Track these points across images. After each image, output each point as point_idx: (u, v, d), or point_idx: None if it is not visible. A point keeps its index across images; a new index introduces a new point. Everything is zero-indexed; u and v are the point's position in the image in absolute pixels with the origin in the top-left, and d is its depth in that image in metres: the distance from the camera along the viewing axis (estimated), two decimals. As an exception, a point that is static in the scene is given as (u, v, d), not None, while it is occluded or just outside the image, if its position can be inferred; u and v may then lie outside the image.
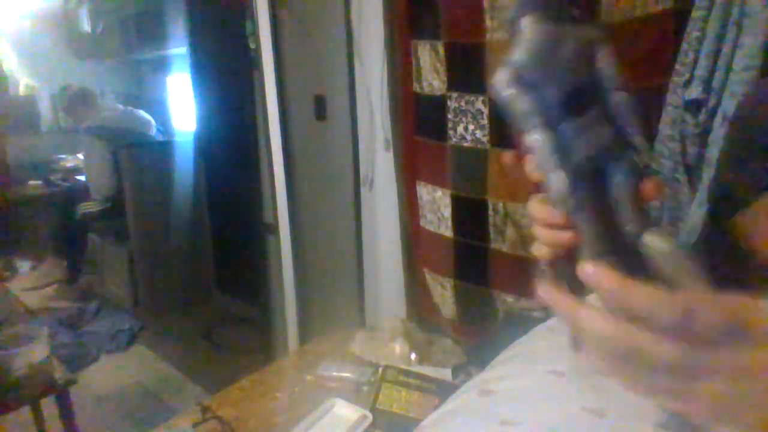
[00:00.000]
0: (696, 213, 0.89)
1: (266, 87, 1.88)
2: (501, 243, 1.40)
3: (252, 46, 1.89)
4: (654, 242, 0.28)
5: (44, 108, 4.21)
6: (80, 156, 3.81)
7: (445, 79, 1.42)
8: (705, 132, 0.89)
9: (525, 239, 1.33)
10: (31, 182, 3.86)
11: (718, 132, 0.86)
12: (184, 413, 1.34)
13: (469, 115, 1.38)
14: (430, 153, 1.52)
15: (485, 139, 1.36)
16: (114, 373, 2.52)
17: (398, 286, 1.74)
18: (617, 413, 0.46)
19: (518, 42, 0.28)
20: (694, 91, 0.89)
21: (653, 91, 0.99)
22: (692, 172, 0.94)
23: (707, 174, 0.88)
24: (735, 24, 0.83)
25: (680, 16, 0.93)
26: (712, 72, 0.87)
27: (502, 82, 0.29)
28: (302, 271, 2.05)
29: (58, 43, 4.19)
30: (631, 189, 0.30)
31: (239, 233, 2.65)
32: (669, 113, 0.95)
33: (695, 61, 0.89)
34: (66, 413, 1.54)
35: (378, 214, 1.78)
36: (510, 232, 1.36)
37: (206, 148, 3.19)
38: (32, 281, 3.45)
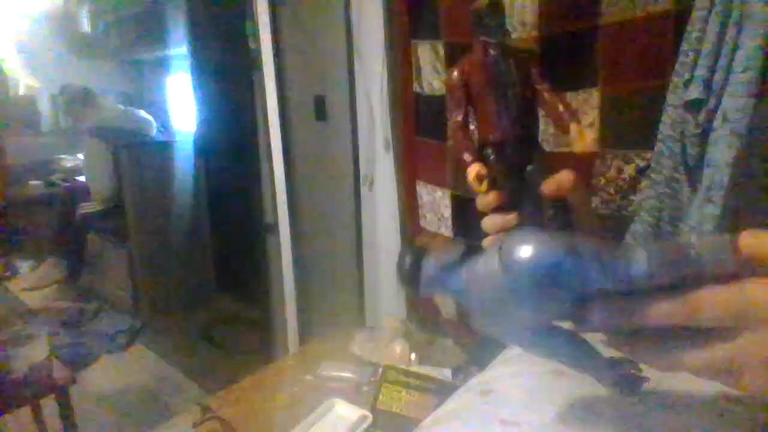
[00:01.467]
0: (697, 213, 0.89)
1: (266, 87, 1.88)
2: (501, 243, 1.39)
3: (252, 46, 1.89)
4: (698, 240, 0.29)
5: (44, 108, 4.21)
6: (80, 156, 3.82)
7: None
8: (705, 132, 0.89)
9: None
10: (31, 182, 3.86)
11: (719, 132, 0.86)
12: (184, 413, 1.34)
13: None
14: (430, 153, 1.52)
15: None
16: (114, 373, 2.52)
17: (398, 286, 1.74)
18: (617, 413, 0.46)
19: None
20: (694, 91, 0.89)
21: (653, 91, 0.99)
22: (692, 172, 0.94)
23: (708, 174, 0.88)
24: (735, 24, 0.83)
25: (680, 16, 0.93)
26: (712, 72, 0.87)
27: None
28: (302, 271, 2.05)
29: (58, 43, 4.19)
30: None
31: (239, 233, 2.65)
32: (669, 113, 0.95)
33: (695, 61, 0.89)
34: (66, 413, 1.54)
35: (378, 214, 1.78)
36: (510, 232, 1.36)
37: (206, 148, 3.19)
38: (32, 281, 3.45)
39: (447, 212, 1.52)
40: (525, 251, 0.30)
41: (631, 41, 1.03)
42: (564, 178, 0.47)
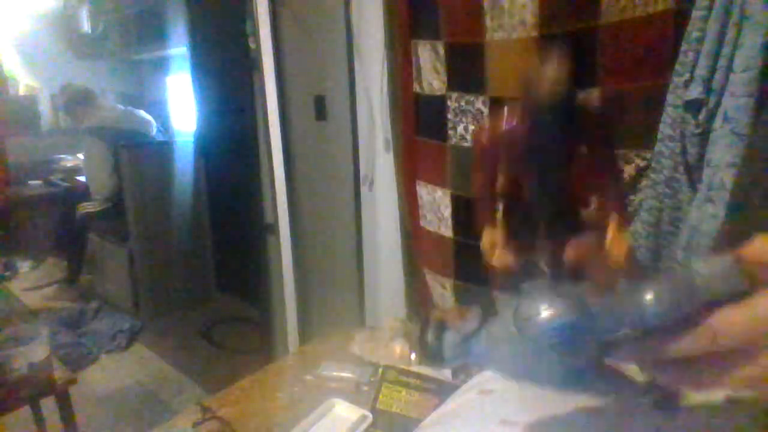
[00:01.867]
0: (697, 213, 0.89)
1: (266, 87, 1.88)
2: (501, 243, 1.39)
3: (252, 46, 1.89)
4: (702, 265, 0.30)
5: (44, 108, 4.21)
6: (80, 156, 3.82)
7: (445, 79, 1.42)
8: (705, 132, 0.89)
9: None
10: (31, 182, 3.86)
11: (719, 132, 0.86)
12: (184, 413, 1.34)
13: (469, 115, 1.38)
14: (430, 153, 1.52)
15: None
16: (114, 373, 2.52)
17: (398, 286, 1.74)
18: (615, 413, 0.46)
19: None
20: (694, 91, 0.89)
21: (653, 91, 0.99)
22: (692, 172, 0.94)
23: (707, 174, 0.88)
24: (735, 24, 0.83)
25: (680, 16, 0.93)
26: (712, 72, 0.87)
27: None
28: (302, 271, 2.05)
29: (58, 43, 4.19)
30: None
31: (239, 233, 2.65)
32: (669, 113, 0.95)
33: (695, 61, 0.89)
34: (66, 413, 1.54)
35: (378, 214, 1.78)
36: (510, 232, 1.36)
37: (206, 148, 3.19)
38: (32, 281, 3.45)
39: (447, 212, 1.52)
40: (536, 317, 0.31)
41: (631, 41, 1.03)
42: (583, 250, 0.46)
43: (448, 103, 1.42)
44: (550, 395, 0.52)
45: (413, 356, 1.47)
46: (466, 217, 1.49)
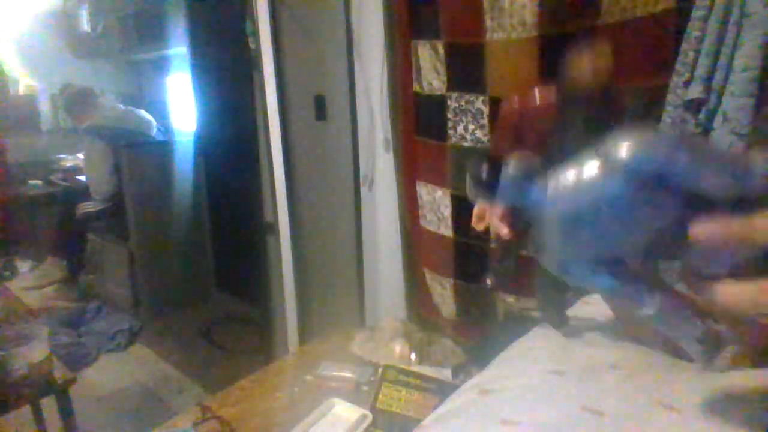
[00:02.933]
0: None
1: (266, 87, 1.88)
2: (501, 243, 1.40)
3: (252, 46, 1.89)
4: None
5: (44, 108, 4.21)
6: (80, 156, 3.82)
7: (445, 79, 1.42)
8: (705, 132, 0.89)
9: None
10: (31, 182, 3.86)
11: (719, 131, 0.86)
12: (184, 413, 1.34)
13: (469, 114, 1.38)
14: (430, 153, 1.52)
15: (485, 139, 1.37)
16: (114, 373, 2.52)
17: (398, 286, 1.74)
18: (617, 413, 0.46)
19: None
20: (694, 91, 0.89)
21: (653, 91, 0.99)
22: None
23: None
24: (735, 24, 0.83)
25: (680, 16, 0.94)
26: (712, 72, 0.87)
27: None
28: (302, 271, 2.05)
29: (58, 43, 4.19)
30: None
31: (239, 233, 2.65)
32: (669, 113, 0.95)
33: (695, 61, 0.89)
34: (66, 413, 1.54)
35: (378, 214, 1.78)
36: (510, 232, 1.36)
37: (206, 147, 3.19)
38: (32, 281, 3.45)
39: (447, 212, 1.52)
40: (629, 143, 0.26)
41: (632, 41, 1.03)
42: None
43: (448, 102, 1.42)
44: (551, 395, 0.52)
45: (413, 356, 1.47)
46: (466, 216, 1.49)
